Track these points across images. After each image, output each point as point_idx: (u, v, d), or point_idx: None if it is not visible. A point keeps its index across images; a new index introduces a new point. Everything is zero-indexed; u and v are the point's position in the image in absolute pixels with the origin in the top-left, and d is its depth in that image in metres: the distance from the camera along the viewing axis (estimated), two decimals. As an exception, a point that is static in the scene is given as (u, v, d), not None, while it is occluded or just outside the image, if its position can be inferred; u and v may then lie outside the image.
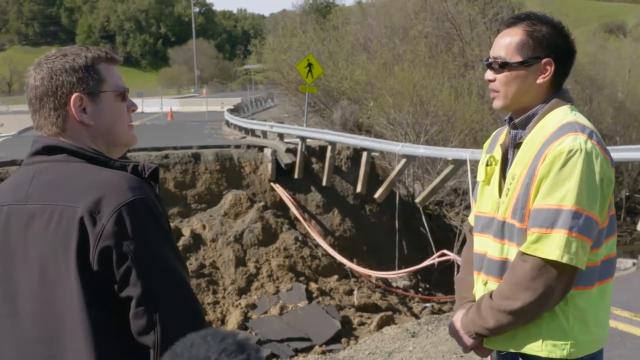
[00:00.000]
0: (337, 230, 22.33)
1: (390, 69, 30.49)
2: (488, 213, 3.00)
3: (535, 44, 2.86)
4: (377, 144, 20.76)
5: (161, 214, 2.34)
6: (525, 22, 2.90)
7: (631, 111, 37.36)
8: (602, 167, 2.70)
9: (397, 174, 19.95)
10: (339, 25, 40.54)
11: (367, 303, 19.69)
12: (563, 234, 2.65)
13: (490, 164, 3.04)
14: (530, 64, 2.86)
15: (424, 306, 20.41)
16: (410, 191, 25.11)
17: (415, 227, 23.17)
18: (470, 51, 34.35)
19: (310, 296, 19.47)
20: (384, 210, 22.81)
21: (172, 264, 2.31)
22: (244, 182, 22.41)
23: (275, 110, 47.35)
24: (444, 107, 27.24)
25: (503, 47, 2.90)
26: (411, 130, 26.73)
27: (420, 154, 19.59)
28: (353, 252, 21.63)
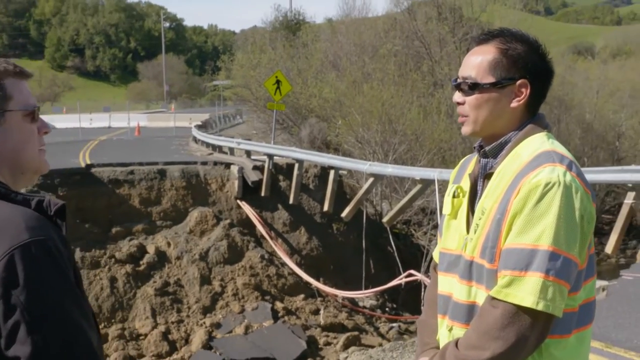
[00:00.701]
0: (304, 248, 22.17)
1: (359, 87, 30.47)
2: (454, 250, 2.69)
3: (509, 63, 2.57)
4: (344, 163, 20.66)
5: (64, 259, 1.99)
6: (499, 39, 2.61)
7: (599, 132, 37.52)
8: (582, 203, 2.41)
9: (365, 192, 19.83)
10: (308, 42, 40.51)
11: (333, 323, 19.52)
12: (538, 278, 2.35)
13: (457, 195, 2.74)
14: (504, 85, 2.57)
15: (391, 326, 20.26)
16: (378, 210, 25.02)
17: (383, 246, 23.04)
18: (439, 70, 34.38)
19: (276, 315, 19.27)
20: (351, 229, 22.69)
21: (74, 319, 1.95)
22: (210, 199, 22.22)
23: (243, 127, 47.31)
24: (413, 126, 27.19)
25: (474, 67, 2.60)
26: (379, 148, 26.64)
27: (388, 173, 19.48)
28: (320, 271, 21.49)
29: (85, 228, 20.25)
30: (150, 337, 18.32)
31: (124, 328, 18.63)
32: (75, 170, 21.59)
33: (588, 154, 35.94)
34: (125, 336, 18.37)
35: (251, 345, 17.72)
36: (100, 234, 20.44)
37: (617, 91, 40.12)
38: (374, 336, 19.47)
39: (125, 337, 18.33)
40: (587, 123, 37.17)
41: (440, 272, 2.79)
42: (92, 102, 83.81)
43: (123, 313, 19.08)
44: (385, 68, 32.33)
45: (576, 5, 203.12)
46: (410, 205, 19.65)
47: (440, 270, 2.80)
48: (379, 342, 18.77)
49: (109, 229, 20.66)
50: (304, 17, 60.67)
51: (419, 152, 26.87)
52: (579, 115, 37.27)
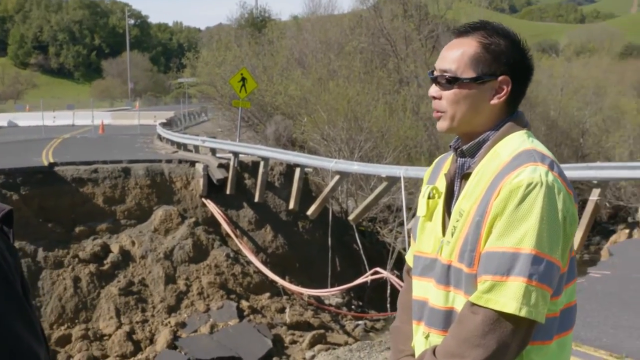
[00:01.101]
0: (269, 247, 22.07)
1: (325, 84, 30.41)
2: (429, 254, 2.57)
3: (491, 58, 2.44)
4: (310, 160, 20.61)
5: (11, 269, 1.82)
6: (481, 32, 2.48)
7: (563, 129, 37.78)
8: (564, 204, 2.30)
9: (331, 190, 19.80)
10: (274, 40, 40.40)
11: (299, 321, 19.45)
12: (521, 283, 2.23)
13: (432, 196, 2.60)
14: (485, 81, 2.44)
15: (357, 324, 20.25)
16: (344, 207, 24.97)
17: (348, 243, 23.00)
18: (405, 67, 34.46)
19: (242, 314, 19.17)
20: (316, 226, 22.63)
21: (16, 330, 1.77)
22: (175, 197, 22.04)
23: (208, 125, 47.13)
24: (379, 123, 27.20)
25: (454, 60, 2.46)
26: (345, 146, 26.62)
27: (354, 171, 19.47)
28: (285, 269, 21.40)
29: (48, 227, 20.01)
30: (114, 337, 18.13)
31: (88, 328, 18.42)
32: (38, 169, 21.31)
33: (552, 151, 34.96)
34: (89, 336, 18.16)
35: (217, 345, 17.61)
36: (63, 234, 20.20)
37: (581, 88, 40.37)
38: (340, 334, 19.44)
39: (89, 338, 18.13)
40: (552, 120, 37.41)
41: (415, 277, 2.66)
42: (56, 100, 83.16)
43: (87, 313, 18.87)
44: (351, 65, 32.35)
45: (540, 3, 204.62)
46: (376, 202, 19.66)
47: (415, 274, 2.66)
48: (345, 340, 18.76)
49: (72, 228, 20.42)
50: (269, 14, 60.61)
51: (384, 150, 26.89)
52: (544, 113, 37.48)
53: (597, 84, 42.14)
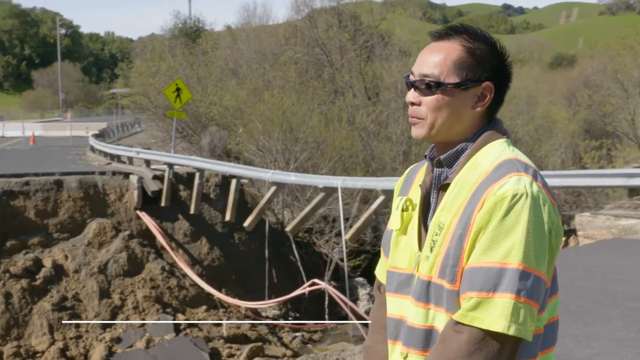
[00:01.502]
0: (205, 259, 21.86)
1: (260, 94, 30.35)
2: (405, 269, 2.42)
3: (475, 63, 2.31)
4: (246, 171, 20.50)
5: None
6: (463, 36, 2.35)
7: (496, 138, 38.14)
8: (550, 215, 2.18)
9: (267, 201, 19.69)
10: (208, 50, 40.18)
11: (236, 334, 19.30)
12: (509, 299, 2.10)
13: (406, 209, 2.46)
14: (468, 87, 2.31)
15: (294, 336, 20.17)
16: (280, 218, 24.89)
17: (285, 255, 22.91)
18: (340, 78, 34.57)
19: (178, 328, 18.95)
20: (253, 238, 22.48)
21: None
22: (109, 210, 21.70)
23: (142, 136, 46.65)
24: (314, 134, 27.21)
25: (436, 64, 2.32)
26: (281, 156, 26.56)
27: (291, 182, 19.42)
28: (222, 281, 21.24)
29: (-23, 242, 19.56)
30: (47, 354, 17.75)
31: (20, 346, 18.00)
32: (-33, 182, 20.82)
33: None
34: (21, 354, 17.76)
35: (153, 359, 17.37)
36: (-7, 248, 19.76)
37: (513, 98, 40.75)
38: (278, 346, 19.35)
39: (21, 355, 17.73)
40: (486, 130, 37.71)
41: (389, 293, 2.51)
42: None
43: (19, 330, 18.43)
44: (286, 75, 32.35)
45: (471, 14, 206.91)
46: (313, 213, 19.59)
47: (389, 291, 2.51)
48: (283, 353, 18.70)
49: (3, 242, 19.97)
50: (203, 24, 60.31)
51: (320, 160, 26.89)
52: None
53: (529, 93, 42.71)
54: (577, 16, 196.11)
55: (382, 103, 33.18)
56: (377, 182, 17.51)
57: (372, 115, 31.81)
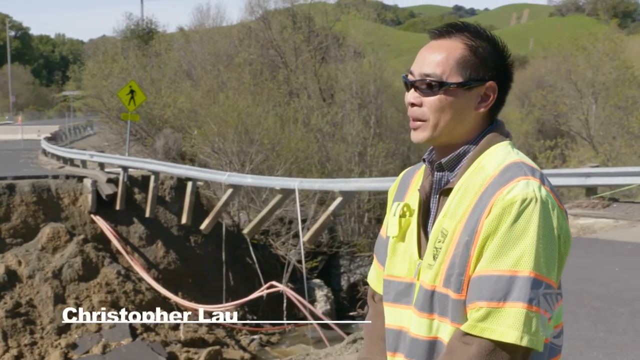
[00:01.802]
0: (161, 263, 21.68)
1: (214, 96, 30.18)
2: (404, 278, 2.31)
3: (479, 62, 2.20)
4: (202, 174, 20.40)
5: None
6: (465, 34, 2.24)
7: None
8: (558, 220, 2.08)
9: (224, 204, 19.58)
10: (161, 52, 39.90)
11: (193, 338, 19.16)
12: (521, 309, 2.00)
13: (403, 214, 2.33)
14: (472, 87, 2.20)
15: (252, 338, 20.10)
16: (236, 221, 24.74)
17: (242, 257, 22.80)
18: (295, 79, 34.50)
19: (134, 333, 18.75)
20: (209, 241, 22.33)
21: None
22: (63, 214, 21.43)
23: (95, 139, 46.19)
24: (270, 135, 27.11)
25: (438, 63, 2.21)
26: (236, 158, 26.43)
27: (248, 184, 19.34)
28: (178, 285, 21.07)
29: None
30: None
31: (-28, 353, 17.72)
32: None
33: (440, 160, 36.63)
34: (-27, 361, 17.48)
35: (109, 365, 17.18)
36: (-56, 254, 19.42)
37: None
38: (236, 349, 19.25)
39: (-27, 363, 17.45)
40: (439, 130, 37.91)
41: (387, 303, 2.39)
42: None
43: (-29, 337, 18.13)
44: (241, 77, 32.21)
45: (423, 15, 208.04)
46: (270, 215, 19.54)
47: (387, 300, 2.39)
48: (241, 356, 18.61)
49: (-47, 248, 19.64)
50: (156, 26, 59.89)
51: (276, 162, 26.80)
52: (432, 122, 37.96)
53: (482, 94, 43.02)
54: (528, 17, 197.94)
55: (337, 104, 33.16)
56: (335, 183, 17.49)
57: (327, 117, 31.78)
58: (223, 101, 28.59)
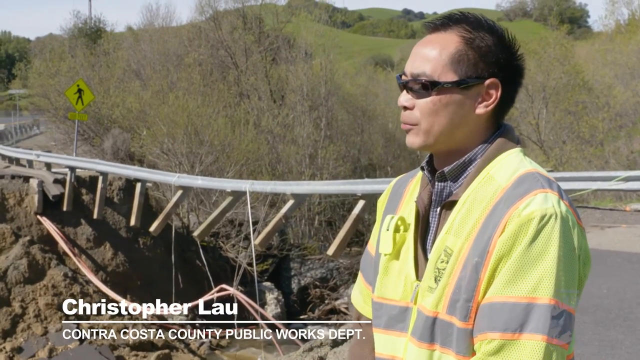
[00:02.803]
0: (109, 265, 21.36)
1: (164, 96, 29.93)
2: (398, 301, 2.05)
3: (476, 57, 1.94)
4: (152, 175, 20.12)
5: None
6: (462, 26, 1.98)
7: (401, 141, 38.37)
8: (579, 240, 1.84)
9: (174, 206, 19.31)
10: (110, 51, 39.44)
11: (142, 341, 18.86)
12: (540, 342, 1.75)
13: (397, 229, 2.06)
14: (470, 85, 1.94)
15: (202, 342, 19.87)
16: (185, 223, 24.51)
17: (191, 260, 22.58)
18: (245, 80, 34.34)
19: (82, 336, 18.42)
20: (158, 243, 22.07)
21: None
22: (8, 215, 21.01)
23: (41, 138, 45.66)
24: (220, 137, 26.93)
25: (429, 60, 1.96)
26: (185, 160, 26.20)
27: (198, 185, 19.12)
28: (126, 287, 20.80)
29: None
30: (-58, 365, 17.09)
31: None
32: None
33: (391, 163, 36.79)
34: None
35: (55, 369, 16.89)
36: None
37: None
38: (185, 353, 19.06)
39: None
40: (390, 133, 38.04)
41: (378, 329, 2.13)
42: None
43: None
44: (191, 77, 31.98)
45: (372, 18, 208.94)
46: (221, 218, 19.31)
47: (378, 326, 2.13)
48: (191, 359, 18.39)
49: None
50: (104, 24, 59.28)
51: (226, 163, 26.64)
52: (382, 125, 38.10)
53: (432, 96, 43.22)
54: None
55: (288, 106, 33.10)
56: (287, 186, 17.36)
57: (278, 118, 31.70)
58: (172, 101, 28.36)
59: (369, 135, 36.97)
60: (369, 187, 15.19)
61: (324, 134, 32.59)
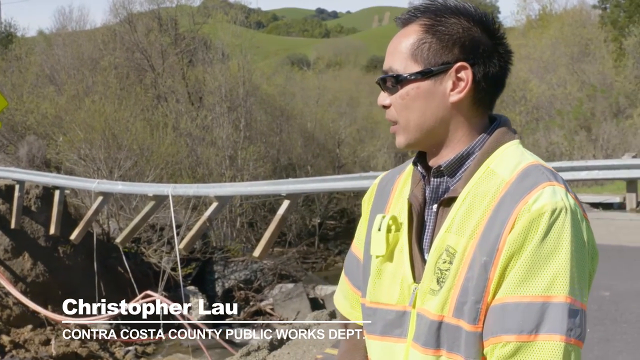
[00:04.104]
0: (29, 275, 20.90)
1: (80, 101, 29.42)
2: (394, 305, 1.93)
3: (439, 43, 1.84)
4: (71, 182, 19.81)
5: None
6: (427, 15, 1.87)
7: (320, 141, 38.64)
8: (587, 234, 1.75)
9: (94, 212, 19.01)
10: (22, 56, 38.57)
11: (66, 352, 18.57)
12: (558, 342, 1.65)
13: (390, 229, 1.95)
14: (435, 73, 1.83)
15: (127, 350, 19.66)
16: (105, 229, 24.12)
17: (113, 267, 22.26)
18: (162, 83, 33.99)
19: (3, 350, 18.07)
20: (79, 251, 21.68)
21: None
22: None
23: (-48, 147, 44.36)
24: (138, 141, 26.60)
25: (395, 54, 1.88)
26: (104, 165, 25.79)
27: (119, 191, 18.88)
28: (47, 298, 20.36)
29: None
30: None
31: None
32: None
33: (311, 162, 36.88)
34: None
35: (-24, 385, 16.46)
36: None
37: (335, 100, 41.48)
38: (110, 362, 18.77)
39: None
40: (309, 132, 38.14)
41: (372, 336, 2.02)
42: None
43: None
44: (107, 81, 31.51)
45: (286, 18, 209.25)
46: (144, 223, 19.09)
47: (372, 332, 2.02)
48: (116, 369, 18.16)
49: None
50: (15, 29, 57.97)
51: (146, 167, 26.34)
52: (301, 124, 38.18)
53: (351, 95, 43.46)
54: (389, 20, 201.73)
55: (206, 107, 32.93)
56: (210, 188, 17.24)
57: (196, 121, 31.47)
58: (89, 106, 27.91)
59: (288, 135, 37.03)
60: (293, 187, 15.16)
61: (243, 135, 32.50)
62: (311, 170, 35.34)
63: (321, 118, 39.42)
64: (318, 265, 30.50)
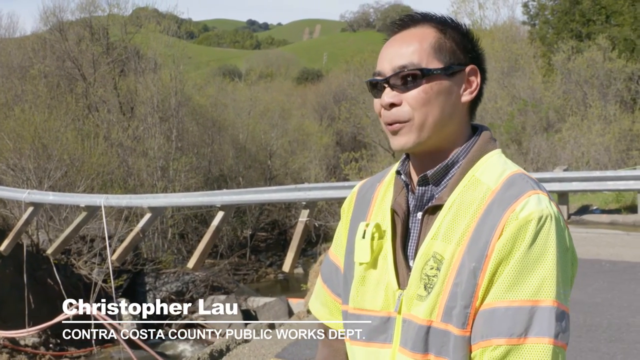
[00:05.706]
0: (-44, 287, 20.45)
1: (9, 110, 28.92)
2: (378, 311, 1.95)
3: (453, 46, 1.91)
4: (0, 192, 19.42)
5: None
6: (432, 22, 1.94)
7: (251, 152, 38.63)
8: (570, 241, 1.84)
9: (24, 223, 18.70)
10: (-52, 63, 37.90)
11: (-8, 368, 18.18)
12: (547, 345, 1.72)
13: (373, 236, 1.98)
14: (454, 72, 1.89)
15: (57, 364, 19.31)
16: (35, 241, 23.73)
17: (43, 279, 21.86)
18: (94, 92, 33.62)
19: None
20: (7, 262, 21.26)
21: None
22: None
23: None
24: (69, 151, 26.26)
25: (413, 52, 1.87)
26: (33, 175, 25.38)
27: (50, 201, 18.59)
28: (-25, 310, 19.93)
29: None
30: None
31: None
32: None
33: (243, 174, 36.83)
34: None
35: None
36: None
37: (267, 112, 41.51)
38: (40, 378, 18.44)
39: None
40: (241, 143, 38.09)
41: (357, 342, 2.03)
42: None
43: None
44: (37, 90, 31.06)
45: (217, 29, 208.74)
46: (75, 234, 18.87)
47: (355, 339, 2.04)
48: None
49: None
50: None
51: (76, 178, 26.01)
52: (233, 136, 38.12)
53: (283, 107, 43.53)
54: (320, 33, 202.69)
55: (138, 118, 32.66)
56: (143, 199, 17.10)
57: (128, 131, 31.20)
58: (18, 115, 27.47)
59: (220, 146, 36.94)
60: (228, 198, 15.16)
61: (175, 146, 32.34)
62: (243, 181, 35.30)
63: (253, 130, 39.41)
64: (250, 277, 30.43)
